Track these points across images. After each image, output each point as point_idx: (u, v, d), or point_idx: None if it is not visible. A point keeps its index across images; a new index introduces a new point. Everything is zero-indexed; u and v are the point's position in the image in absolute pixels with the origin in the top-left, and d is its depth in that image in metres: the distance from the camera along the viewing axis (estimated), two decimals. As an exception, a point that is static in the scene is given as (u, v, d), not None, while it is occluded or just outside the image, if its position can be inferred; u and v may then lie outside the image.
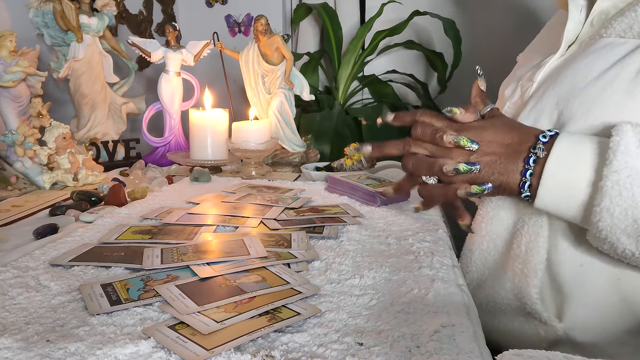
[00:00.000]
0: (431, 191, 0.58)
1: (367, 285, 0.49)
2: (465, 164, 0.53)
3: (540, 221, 0.56)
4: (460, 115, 0.56)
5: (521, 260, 0.58)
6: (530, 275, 0.56)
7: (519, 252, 0.58)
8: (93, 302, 0.44)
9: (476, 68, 0.63)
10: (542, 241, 0.56)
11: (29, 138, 0.93)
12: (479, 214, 0.65)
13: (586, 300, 0.54)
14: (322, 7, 1.94)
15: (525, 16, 1.80)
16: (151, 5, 1.82)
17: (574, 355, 0.33)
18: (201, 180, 0.99)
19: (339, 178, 0.90)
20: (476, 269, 0.65)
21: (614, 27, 0.56)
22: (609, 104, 0.52)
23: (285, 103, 1.17)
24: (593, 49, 0.57)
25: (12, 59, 0.93)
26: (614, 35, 0.56)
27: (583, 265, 0.54)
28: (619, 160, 0.45)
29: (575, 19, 0.62)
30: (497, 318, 0.63)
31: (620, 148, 0.45)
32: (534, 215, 0.57)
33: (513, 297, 0.59)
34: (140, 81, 1.68)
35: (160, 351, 0.36)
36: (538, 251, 0.56)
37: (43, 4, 1.16)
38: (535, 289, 0.56)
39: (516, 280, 0.58)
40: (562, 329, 0.56)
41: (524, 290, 0.57)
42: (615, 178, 0.45)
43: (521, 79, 0.67)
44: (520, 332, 0.60)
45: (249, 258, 0.54)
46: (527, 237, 0.57)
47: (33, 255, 0.56)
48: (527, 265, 0.57)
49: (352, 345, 0.38)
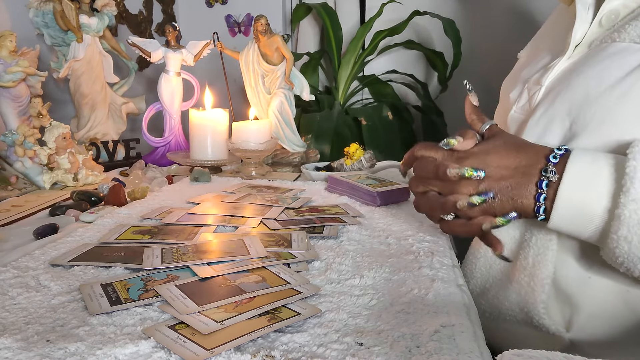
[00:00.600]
0: (454, 229, 0.55)
1: (367, 285, 0.49)
2: (478, 195, 0.51)
3: (550, 235, 0.55)
4: (458, 144, 0.54)
5: (528, 272, 0.56)
6: (537, 289, 0.55)
7: (525, 265, 0.57)
8: (93, 302, 0.44)
9: (464, 82, 0.60)
10: (551, 255, 0.55)
11: (29, 138, 0.93)
12: None
13: (595, 312, 0.53)
14: (322, 7, 1.94)
15: (526, 16, 1.80)
16: (151, 5, 1.82)
17: (574, 356, 0.33)
18: (201, 180, 0.99)
19: (339, 178, 0.90)
20: (480, 275, 0.64)
21: (628, 31, 0.54)
22: (624, 115, 0.50)
23: (285, 103, 1.17)
24: (606, 54, 0.55)
25: (12, 59, 0.93)
26: (628, 40, 0.53)
27: (592, 278, 0.53)
28: (636, 188, 0.43)
29: (583, 18, 0.59)
30: (500, 326, 0.62)
31: (637, 175, 0.44)
32: (543, 229, 0.56)
33: (518, 310, 0.58)
34: (140, 81, 1.68)
35: (160, 351, 0.36)
36: (546, 265, 0.55)
37: (43, 4, 1.16)
38: (542, 304, 0.55)
39: (522, 292, 0.57)
40: (569, 339, 0.55)
41: (530, 304, 0.56)
42: (633, 207, 0.43)
43: (527, 81, 0.65)
44: (523, 340, 0.59)
45: (249, 258, 0.54)
46: (535, 249, 0.56)
47: (33, 255, 0.56)
48: (533, 279, 0.56)
49: (352, 345, 0.38)
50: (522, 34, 0.85)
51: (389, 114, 1.75)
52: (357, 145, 1.05)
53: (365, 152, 1.04)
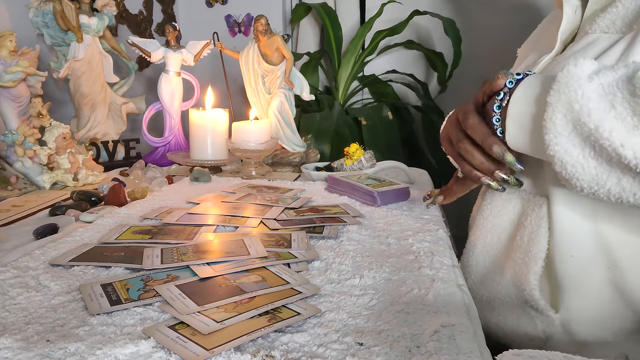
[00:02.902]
0: (472, 177, 0.60)
1: (367, 285, 0.49)
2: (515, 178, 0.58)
3: (541, 212, 0.57)
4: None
5: (523, 250, 0.59)
6: (530, 263, 0.57)
7: (520, 243, 0.59)
8: (93, 302, 0.44)
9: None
10: (543, 232, 0.57)
11: (29, 138, 0.93)
12: (486, 208, 0.65)
13: (580, 291, 0.55)
14: (322, 7, 1.94)
15: (526, 15, 1.80)
16: (151, 5, 1.82)
17: (574, 356, 0.33)
18: (201, 180, 0.99)
19: (339, 178, 0.90)
20: (476, 262, 0.65)
21: (597, 23, 0.58)
22: None
23: (285, 103, 1.17)
24: (580, 46, 0.59)
25: (12, 59, 0.93)
26: (598, 31, 0.58)
27: (574, 257, 0.55)
28: (562, 74, 0.47)
29: (570, 19, 0.63)
30: (496, 310, 0.63)
31: (564, 71, 0.47)
32: (536, 207, 0.58)
33: (512, 286, 0.60)
34: (140, 81, 1.68)
35: (160, 351, 0.36)
36: (539, 241, 0.57)
37: (43, 4, 1.16)
38: (534, 275, 0.57)
39: (517, 269, 0.59)
40: (559, 320, 0.56)
41: (523, 277, 0.58)
42: (556, 87, 0.46)
43: None
44: (518, 325, 0.61)
45: (249, 258, 0.54)
46: (529, 228, 0.58)
47: (33, 255, 0.56)
48: (528, 254, 0.58)
49: (352, 345, 0.38)
50: (522, 34, 0.85)
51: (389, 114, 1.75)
52: (357, 145, 1.05)
53: (365, 152, 1.04)
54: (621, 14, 0.56)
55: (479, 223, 0.65)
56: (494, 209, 0.64)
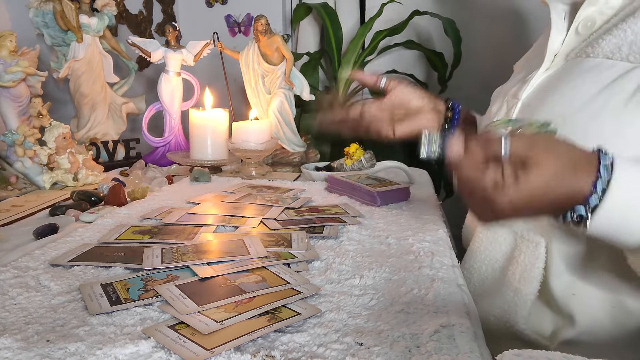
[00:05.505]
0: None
1: (367, 285, 0.49)
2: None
3: (537, 252, 0.56)
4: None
5: (513, 288, 0.58)
6: (519, 304, 0.57)
7: (512, 280, 0.58)
8: (93, 302, 0.44)
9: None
10: (537, 273, 0.56)
11: (29, 138, 0.93)
12: (478, 237, 0.64)
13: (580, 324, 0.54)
14: (322, 7, 1.94)
15: (526, 16, 1.80)
16: (151, 5, 1.82)
17: (574, 356, 0.33)
18: (201, 180, 0.99)
19: (339, 178, 0.90)
20: (474, 290, 0.65)
21: (601, 46, 0.54)
22: (598, 134, 0.50)
23: (285, 103, 1.17)
24: (580, 71, 0.55)
25: (12, 59, 0.93)
26: (601, 55, 0.54)
27: (576, 295, 0.54)
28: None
29: (559, 27, 0.61)
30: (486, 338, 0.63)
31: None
32: (531, 246, 0.57)
33: (502, 324, 0.59)
34: (140, 81, 1.68)
35: (160, 351, 0.36)
36: (531, 282, 0.56)
37: (43, 4, 1.16)
38: (522, 319, 0.57)
39: (505, 306, 0.59)
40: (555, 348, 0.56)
41: (512, 315, 0.58)
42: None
43: (507, 94, 0.66)
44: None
45: (249, 258, 0.54)
46: (522, 266, 0.57)
47: (33, 255, 0.56)
48: (518, 294, 0.57)
49: (352, 345, 0.38)
50: (522, 34, 0.85)
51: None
52: (357, 145, 1.05)
53: (365, 152, 1.04)
54: (629, 40, 0.52)
55: (473, 250, 0.65)
56: (485, 239, 0.63)
